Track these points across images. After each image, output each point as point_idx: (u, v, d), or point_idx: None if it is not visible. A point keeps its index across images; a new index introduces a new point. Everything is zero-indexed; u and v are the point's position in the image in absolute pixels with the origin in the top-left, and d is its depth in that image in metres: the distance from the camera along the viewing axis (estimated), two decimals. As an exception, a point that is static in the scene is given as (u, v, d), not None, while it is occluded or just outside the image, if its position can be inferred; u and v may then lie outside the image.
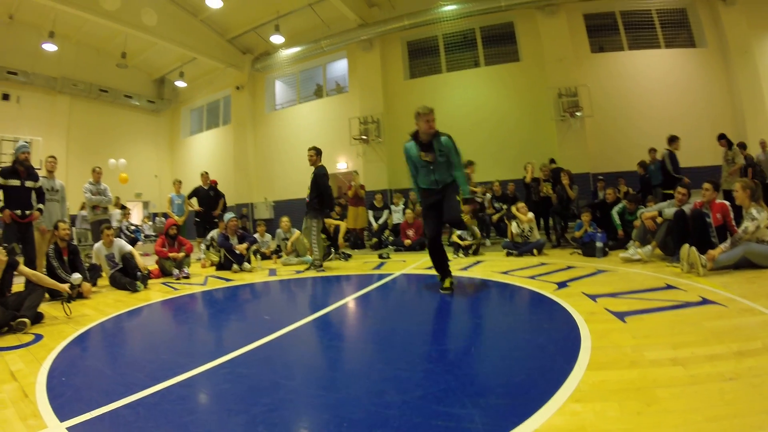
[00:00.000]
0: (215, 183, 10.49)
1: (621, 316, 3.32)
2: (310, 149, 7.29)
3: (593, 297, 4.00)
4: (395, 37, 14.68)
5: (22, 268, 4.79)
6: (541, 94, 12.64)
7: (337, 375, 2.75)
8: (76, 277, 5.69)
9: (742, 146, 9.25)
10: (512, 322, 3.80)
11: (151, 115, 19.75)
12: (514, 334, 3.30)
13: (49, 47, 14.41)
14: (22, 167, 6.42)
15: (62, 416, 2.17)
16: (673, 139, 8.53)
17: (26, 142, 7.12)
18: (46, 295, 5.32)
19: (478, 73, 14.05)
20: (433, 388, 2.26)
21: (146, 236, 14.88)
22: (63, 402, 2.37)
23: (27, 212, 6.45)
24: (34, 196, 6.60)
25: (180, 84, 18.24)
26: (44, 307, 4.79)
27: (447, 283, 4.78)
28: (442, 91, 14.12)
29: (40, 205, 6.66)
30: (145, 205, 18.67)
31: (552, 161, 10.01)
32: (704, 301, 3.59)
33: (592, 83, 12.21)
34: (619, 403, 1.95)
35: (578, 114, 11.97)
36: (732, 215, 5.19)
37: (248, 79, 17.53)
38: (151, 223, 16.25)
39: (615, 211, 7.41)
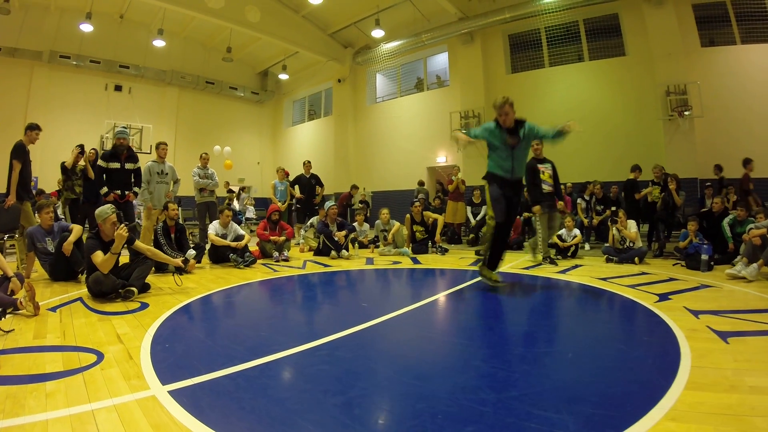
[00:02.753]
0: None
1: (724, 336, 3.26)
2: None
3: (695, 313, 3.93)
4: (496, 30, 14.52)
5: (138, 243, 5.21)
6: (647, 92, 11.99)
7: (433, 367, 2.83)
8: (192, 253, 6.42)
9: None
10: (610, 331, 3.80)
11: (255, 106, 21.02)
12: (612, 344, 3.31)
13: (158, 43, 15.89)
14: (121, 151, 7.08)
15: (164, 380, 2.36)
16: None
17: (124, 128, 7.83)
18: (153, 268, 5.73)
19: (582, 68, 13.56)
20: (528, 390, 2.36)
21: (247, 219, 15.84)
22: (165, 367, 2.58)
23: (126, 192, 7.13)
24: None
25: (283, 77, 19.23)
26: (151, 279, 5.21)
27: (495, 276, 5.07)
28: (544, 87, 13.86)
29: (136, 188, 7.31)
30: (247, 190, 19.86)
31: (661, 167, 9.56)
32: (820, 328, 3.46)
33: (703, 80, 11.33)
34: (714, 427, 1.96)
35: (687, 113, 11.21)
36: None
37: (349, 72, 18.08)
38: (252, 207, 17.31)
39: (726, 222, 6.99)
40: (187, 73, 17.90)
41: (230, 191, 15.24)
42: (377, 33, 15.25)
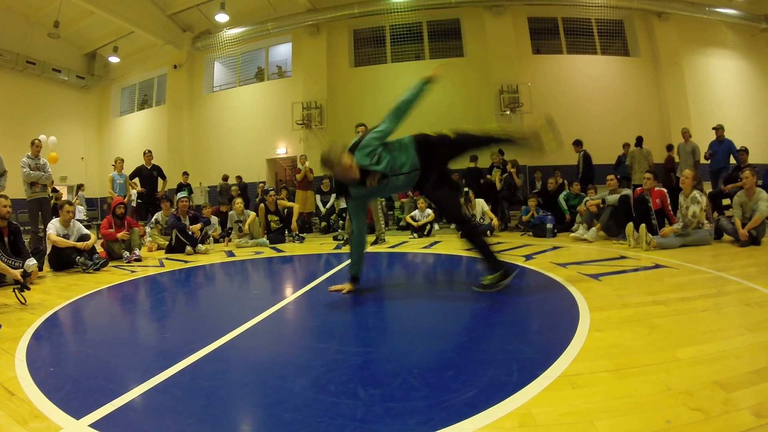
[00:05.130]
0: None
1: (595, 276, 3.87)
2: (359, 126, 7.15)
3: (563, 265, 4.55)
4: (343, 24, 14.79)
5: None
6: (483, 89, 13.35)
7: (372, 335, 2.85)
8: (32, 263, 5.03)
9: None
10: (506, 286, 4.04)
11: (80, 92, 18.54)
12: (514, 294, 3.45)
13: None
14: None
15: (75, 413, 1.77)
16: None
17: None
18: None
19: (422, 66, 14.35)
20: (473, 335, 2.66)
21: (78, 221, 13.98)
22: (66, 396, 1.97)
23: None
24: None
25: (113, 59, 17.26)
26: None
27: (487, 279, 3.58)
28: (386, 81, 14.36)
29: None
30: (75, 189, 17.49)
31: (501, 152, 10.68)
32: (657, 266, 4.25)
33: (532, 82, 13.11)
34: (629, 329, 2.43)
35: (518, 110, 12.81)
36: (669, 201, 6.00)
37: (186, 58, 16.89)
38: (82, 207, 15.35)
39: (561, 198, 8.13)
40: (6, 50, 15.05)
41: (55, 190, 13.15)
42: (221, 17, 14.54)
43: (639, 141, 10.13)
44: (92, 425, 1.66)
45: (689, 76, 13.44)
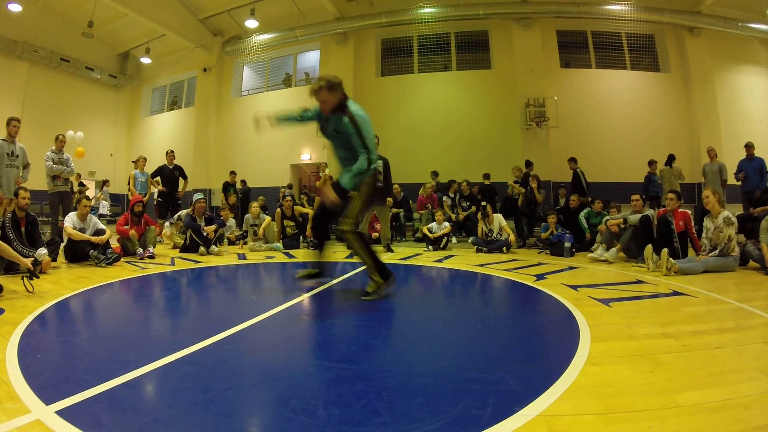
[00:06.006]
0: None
1: (605, 302, 3.62)
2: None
3: (574, 287, 4.30)
4: (370, 33, 14.76)
5: None
6: (509, 102, 13.08)
7: (354, 350, 2.68)
8: (42, 252, 5.25)
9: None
10: (507, 306, 4.04)
11: (111, 91, 18.99)
12: (514, 315, 3.48)
13: (14, 7, 13.63)
14: None
15: (47, 399, 1.85)
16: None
17: None
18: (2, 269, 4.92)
19: (449, 77, 14.36)
20: (456, 360, 2.40)
21: (101, 216, 14.27)
22: (43, 382, 2.05)
23: None
24: None
25: (145, 60, 17.63)
26: (1, 280, 4.38)
27: (370, 286, 3.90)
28: (412, 91, 14.36)
29: None
30: (101, 184, 17.90)
31: (527, 165, 10.45)
32: (675, 293, 3.98)
33: (560, 96, 12.79)
34: (630, 365, 2.19)
35: (544, 124, 12.52)
36: (693, 223, 5.68)
37: (216, 62, 17.13)
38: (106, 202, 15.65)
39: (582, 216, 7.85)
40: (41, 47, 15.49)
41: (81, 185, 13.41)
42: (251, 23, 14.69)
43: (670, 159, 9.78)
44: (58, 412, 1.72)
45: (721, 93, 12.92)
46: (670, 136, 12.75)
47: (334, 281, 4.97)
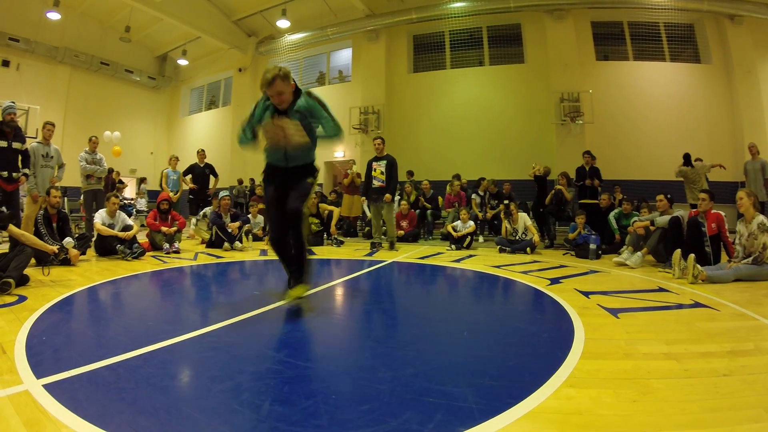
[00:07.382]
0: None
1: (614, 312, 3.32)
2: (376, 139, 7.94)
3: (586, 294, 4.01)
4: (402, 29, 14.60)
5: (11, 228, 4.74)
6: (543, 97, 12.66)
7: (327, 349, 2.75)
8: (69, 240, 5.73)
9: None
10: (505, 312, 3.82)
11: (151, 92, 19.56)
12: (508, 322, 3.29)
13: (53, 16, 14.21)
14: (8, 128, 6.34)
15: (39, 373, 2.13)
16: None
17: (12, 103, 6.95)
18: (32, 260, 5.12)
19: (482, 72, 14.03)
20: (424, 367, 2.23)
21: (138, 211, 14.73)
22: (40, 360, 2.33)
23: (14, 175, 6.38)
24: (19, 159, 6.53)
25: (182, 62, 18.09)
26: (30, 271, 4.66)
27: (298, 290, 3.49)
28: (444, 87, 14.13)
29: (26, 170, 6.61)
30: (139, 182, 18.49)
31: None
32: (696, 305, 3.62)
33: (595, 90, 12.26)
34: (614, 390, 1.94)
35: (579, 120, 12.01)
36: (726, 226, 5.23)
37: (251, 62, 17.36)
38: (143, 199, 16.11)
39: (612, 216, 7.45)
40: (81, 52, 16.13)
41: (120, 182, 13.86)
42: (283, 23, 14.79)
43: (687, 159, 9.18)
44: (45, 386, 1.97)
45: (766, 85, 11.97)
46: (710, 131, 12.04)
47: (340, 280, 5.01)
